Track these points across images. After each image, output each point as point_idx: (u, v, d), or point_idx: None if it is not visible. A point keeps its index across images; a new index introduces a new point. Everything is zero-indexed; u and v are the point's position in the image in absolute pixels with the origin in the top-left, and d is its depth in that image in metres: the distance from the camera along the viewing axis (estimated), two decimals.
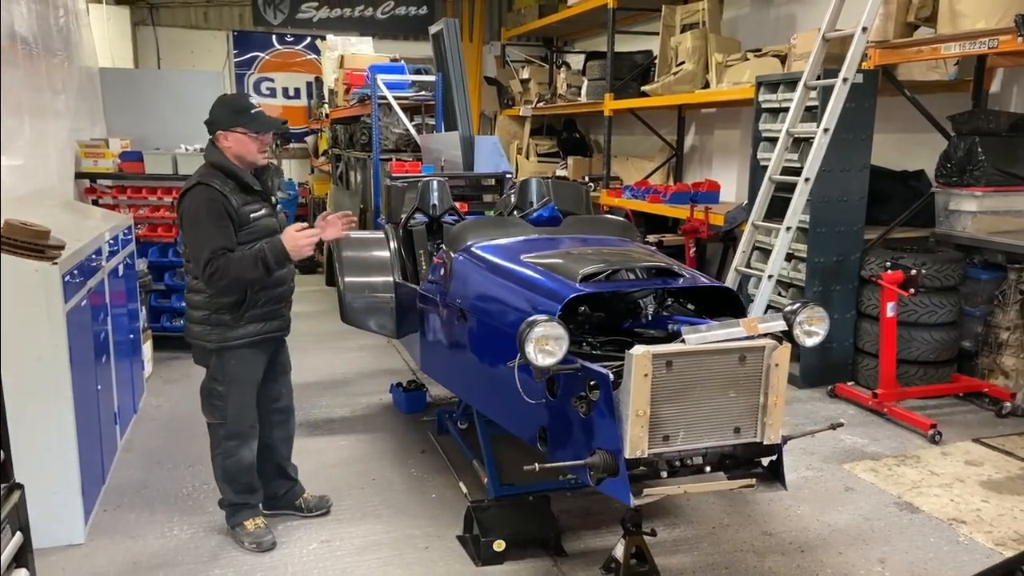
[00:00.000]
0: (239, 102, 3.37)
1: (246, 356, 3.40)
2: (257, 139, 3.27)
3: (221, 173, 3.25)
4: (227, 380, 3.39)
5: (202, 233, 3.18)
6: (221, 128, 3.27)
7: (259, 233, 3.29)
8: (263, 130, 3.28)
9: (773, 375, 2.72)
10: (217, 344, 3.35)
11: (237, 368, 3.39)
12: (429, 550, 3.49)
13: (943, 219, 5.66)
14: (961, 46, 4.70)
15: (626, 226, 4.13)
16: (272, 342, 3.51)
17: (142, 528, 3.67)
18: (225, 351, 3.36)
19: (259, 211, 3.33)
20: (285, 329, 3.55)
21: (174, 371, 5.97)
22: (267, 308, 3.39)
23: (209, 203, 3.18)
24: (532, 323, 2.66)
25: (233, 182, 3.26)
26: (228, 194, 3.21)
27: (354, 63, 8.52)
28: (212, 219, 3.17)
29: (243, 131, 3.24)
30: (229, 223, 3.21)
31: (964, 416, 5.08)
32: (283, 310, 3.48)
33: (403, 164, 6.63)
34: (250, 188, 3.31)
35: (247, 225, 3.27)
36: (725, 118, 8.45)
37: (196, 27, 11.58)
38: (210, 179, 3.22)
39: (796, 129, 5.33)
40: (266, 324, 3.41)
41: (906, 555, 3.45)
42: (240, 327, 3.34)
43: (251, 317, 3.35)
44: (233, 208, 3.21)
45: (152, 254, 6.29)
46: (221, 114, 3.28)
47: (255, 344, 3.41)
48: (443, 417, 4.70)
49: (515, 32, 11.78)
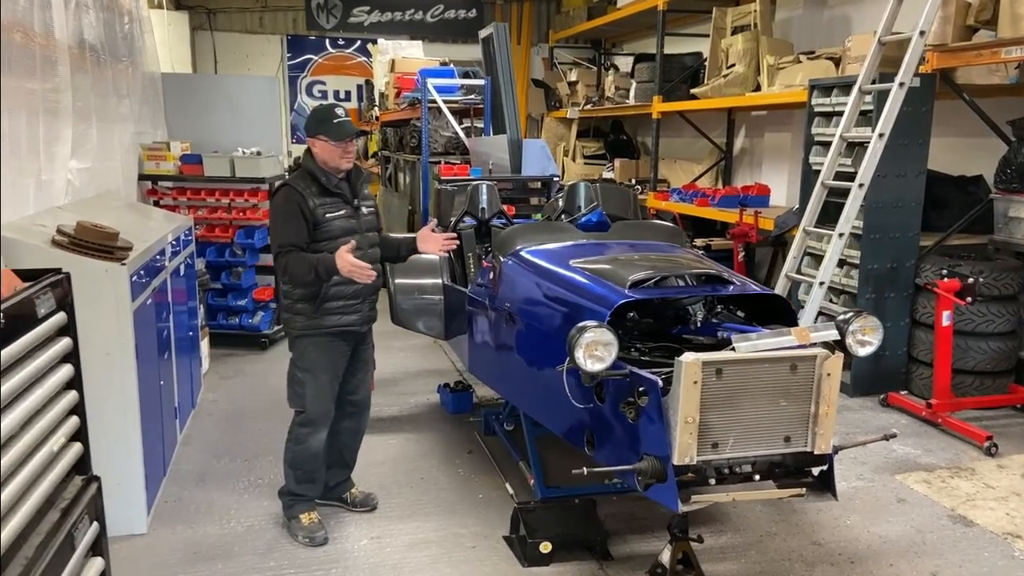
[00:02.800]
0: (324, 112, 3.55)
1: (323, 346, 3.56)
2: (339, 146, 3.46)
3: (308, 175, 3.49)
4: (306, 367, 3.59)
5: (277, 228, 3.48)
6: (310, 135, 3.52)
7: (334, 232, 3.47)
8: (340, 137, 3.45)
9: (825, 384, 2.71)
10: (298, 332, 3.57)
11: (315, 356, 3.56)
12: (476, 549, 3.54)
13: (1002, 226, 5.52)
14: (1021, 50, 4.59)
15: (674, 231, 4.14)
16: (351, 336, 3.64)
17: (201, 520, 3.80)
18: (304, 339, 3.57)
19: (336, 212, 3.50)
20: (365, 324, 3.68)
21: (230, 367, 6.15)
22: (343, 302, 3.53)
23: (286, 202, 3.44)
24: (582, 328, 2.69)
25: (316, 185, 3.46)
26: (307, 195, 3.43)
27: (404, 67, 8.65)
28: (287, 216, 3.44)
29: (324, 139, 3.44)
30: (302, 221, 3.42)
31: (1021, 428, 4.96)
32: (360, 306, 3.59)
33: (452, 167, 6.71)
34: (328, 190, 3.48)
35: (321, 225, 3.46)
36: (776, 121, 8.35)
37: (251, 32, 11.87)
38: (296, 180, 3.49)
39: (850, 134, 5.26)
40: (343, 317, 3.55)
41: (960, 569, 3.40)
42: (317, 318, 3.52)
43: (327, 309, 3.51)
44: (309, 208, 3.42)
45: (210, 254, 6.48)
46: (310, 123, 3.53)
47: (333, 335, 3.56)
48: (489, 418, 4.76)
49: (563, 34, 11.80)
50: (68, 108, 4.33)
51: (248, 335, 6.59)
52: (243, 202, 6.50)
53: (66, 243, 3.31)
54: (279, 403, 5.22)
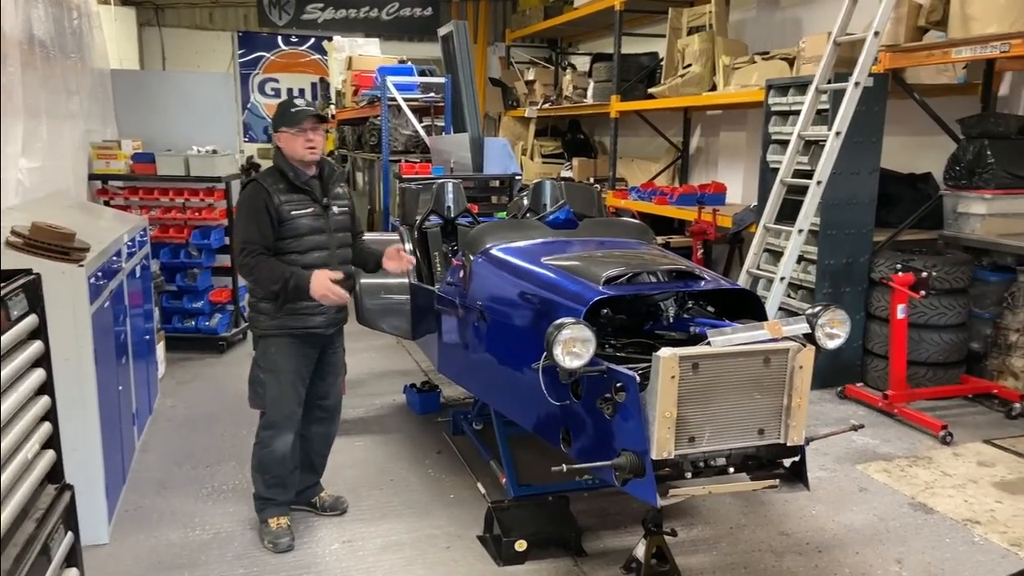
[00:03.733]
0: (283, 104, 3.49)
1: (286, 347, 3.48)
2: (299, 134, 3.37)
3: (276, 172, 3.44)
4: (267, 367, 3.52)
5: (240, 225, 3.42)
6: (275, 131, 3.45)
7: (301, 231, 3.41)
8: (296, 123, 3.37)
9: (797, 377, 2.76)
10: (261, 331, 3.50)
11: (276, 357, 3.49)
12: (451, 550, 3.52)
13: (952, 221, 5.70)
14: (972, 50, 4.74)
15: (642, 228, 4.16)
16: (317, 338, 3.56)
17: (164, 529, 3.70)
18: (266, 339, 3.50)
19: (303, 210, 3.42)
20: (332, 326, 3.60)
21: (187, 372, 6.00)
22: (305, 304, 3.44)
23: (252, 199, 3.38)
24: (560, 325, 2.69)
25: (283, 181, 3.40)
26: (273, 192, 3.36)
27: (362, 65, 8.56)
28: (251, 213, 3.37)
29: (285, 130, 3.39)
30: (267, 219, 3.35)
31: (974, 417, 5.12)
32: (324, 308, 3.50)
33: (413, 165, 6.66)
34: (296, 187, 3.42)
35: (286, 222, 3.39)
36: (731, 120, 8.49)
37: (201, 28, 11.60)
38: (264, 177, 3.44)
39: (807, 132, 5.36)
40: (308, 319, 3.47)
41: (922, 555, 3.49)
42: (281, 318, 3.44)
43: (292, 310, 3.43)
44: (274, 205, 3.35)
45: (164, 255, 6.32)
46: (274, 118, 3.48)
47: (297, 337, 3.48)
48: (458, 418, 4.73)
49: (519, 33, 11.81)
50: (19, 105, 4.17)
51: (205, 338, 6.44)
52: (198, 202, 6.36)
53: (21, 244, 3.19)
54: (239, 408, 5.14)
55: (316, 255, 3.45)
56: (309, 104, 3.54)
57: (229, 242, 6.53)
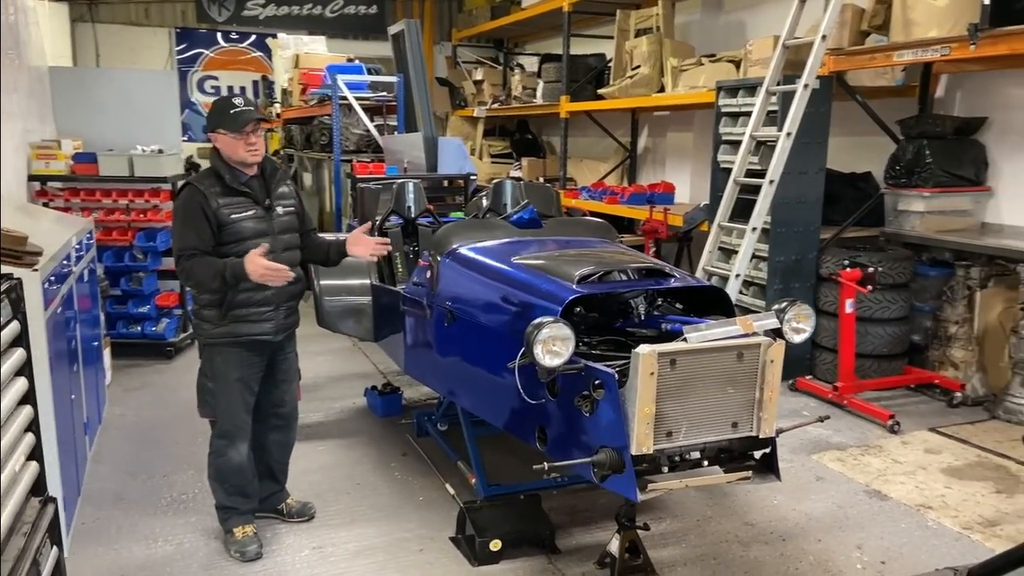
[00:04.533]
0: (221, 104, 3.36)
1: (230, 355, 3.38)
2: (240, 138, 3.26)
3: (213, 174, 3.31)
4: (213, 376, 3.42)
5: (177, 231, 3.30)
6: (210, 131, 3.32)
7: (244, 234, 3.29)
8: (238, 128, 3.25)
9: (768, 371, 2.83)
10: (206, 339, 3.40)
11: (222, 366, 3.39)
12: (424, 552, 3.50)
13: (892, 219, 5.92)
14: (914, 53, 4.94)
15: (605, 227, 4.21)
16: (264, 346, 3.46)
17: (124, 540, 3.57)
18: (211, 347, 3.40)
19: (244, 212, 3.31)
20: (281, 333, 3.49)
21: (134, 379, 5.81)
22: (252, 309, 3.34)
23: (187, 202, 3.26)
24: (539, 325, 2.71)
25: (220, 184, 3.29)
26: (210, 195, 3.24)
27: (309, 63, 8.42)
28: (187, 218, 3.26)
29: (223, 132, 3.27)
30: (205, 223, 3.23)
31: (917, 406, 5.33)
32: (272, 313, 3.41)
33: (366, 165, 6.59)
34: (235, 189, 3.30)
35: (227, 226, 3.27)
36: (678, 121, 8.65)
37: (137, 24, 11.23)
38: (200, 179, 3.31)
39: (759, 133, 5.50)
40: (254, 326, 3.37)
41: (881, 540, 3.62)
42: (224, 325, 3.33)
43: (236, 317, 3.33)
44: (212, 209, 3.24)
45: (107, 259, 6.11)
46: (209, 117, 3.36)
47: (241, 344, 3.38)
48: (422, 419, 4.70)
49: (466, 33, 11.80)
50: None
51: (152, 344, 6.25)
52: (143, 203, 6.17)
53: None
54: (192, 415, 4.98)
55: None
56: (249, 103, 3.39)
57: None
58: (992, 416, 5.10)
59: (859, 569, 3.39)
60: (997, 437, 4.78)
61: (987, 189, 5.74)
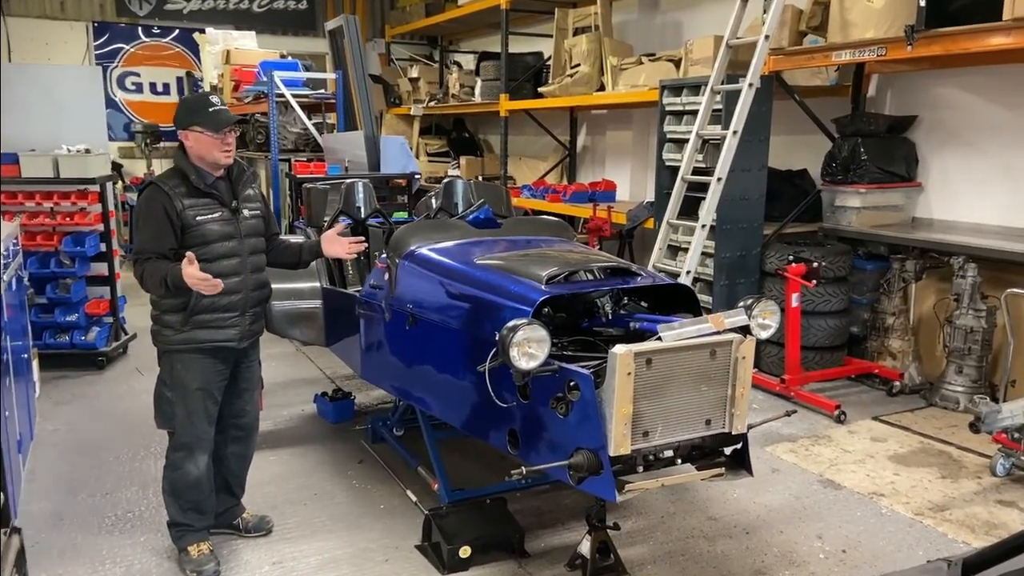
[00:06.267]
0: (197, 101, 3.26)
1: (192, 363, 3.24)
2: (217, 137, 3.15)
3: (177, 174, 3.17)
4: (173, 385, 3.26)
5: (137, 233, 3.16)
6: (181, 128, 3.16)
7: (210, 237, 3.17)
8: (219, 127, 3.14)
9: (740, 367, 2.86)
10: (166, 346, 3.24)
11: (183, 374, 3.24)
12: (390, 562, 3.41)
13: (830, 214, 6.10)
14: (852, 53, 5.09)
15: (563, 226, 4.19)
16: (228, 352, 3.32)
17: (69, 565, 3.37)
18: (171, 354, 3.24)
19: (210, 215, 3.19)
20: (245, 339, 3.37)
21: (64, 392, 5.51)
22: (215, 315, 3.22)
23: (149, 203, 3.12)
24: (514, 327, 2.66)
25: (185, 184, 3.15)
26: (174, 196, 3.11)
27: (241, 59, 8.14)
28: (147, 220, 3.12)
29: (200, 129, 3.13)
30: (167, 225, 3.11)
31: (859, 396, 5.51)
32: (238, 319, 3.29)
33: (307, 165, 6.42)
34: (201, 191, 3.17)
35: (192, 228, 3.15)
36: (617, 119, 8.72)
37: (51, 17, 10.66)
38: (164, 180, 3.16)
39: (705, 131, 5.57)
40: (218, 331, 3.24)
41: (840, 529, 3.71)
42: (186, 331, 3.20)
43: (199, 322, 3.20)
44: (176, 211, 3.11)
45: (31, 265, 5.75)
46: (181, 114, 3.19)
47: (204, 352, 3.24)
48: (377, 425, 4.59)
49: (400, 30, 11.64)
50: None
51: (82, 354, 5.94)
52: (70, 206, 5.84)
53: None
54: (130, 428, 4.80)
55: (226, 263, 3.23)
56: (223, 103, 3.29)
57: (105, 249, 6.06)
58: (929, 403, 5.30)
59: (822, 559, 3.46)
60: (936, 424, 4.97)
61: (918, 185, 5.96)
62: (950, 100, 5.76)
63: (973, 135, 5.63)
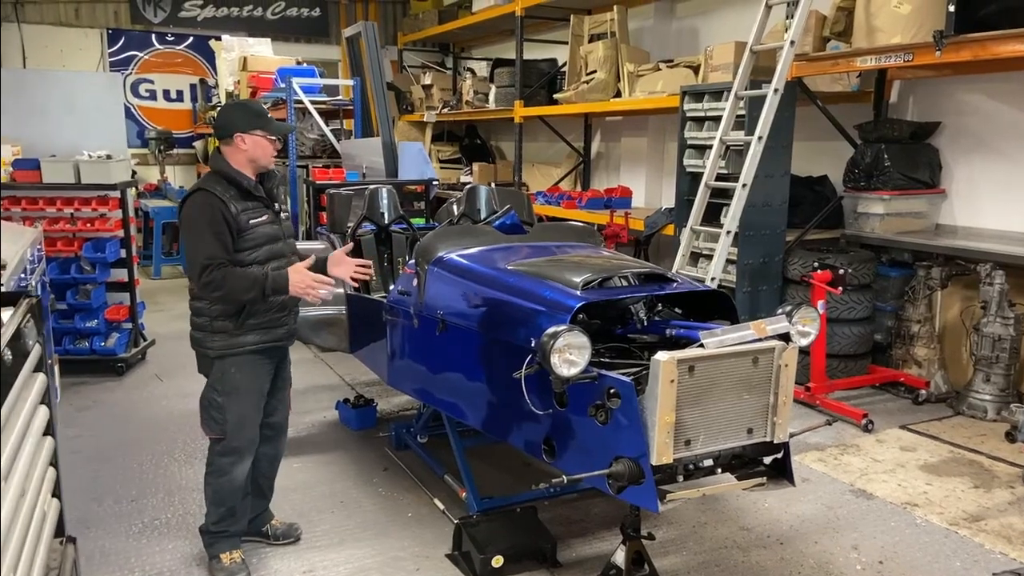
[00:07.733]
0: (254, 107, 3.30)
1: (248, 365, 3.24)
2: (272, 143, 3.22)
3: (224, 180, 3.16)
4: (227, 390, 3.23)
5: (198, 240, 3.09)
6: (240, 131, 3.15)
7: (259, 240, 3.19)
8: (280, 133, 3.25)
9: (783, 375, 2.81)
10: (218, 352, 3.21)
11: (238, 377, 3.23)
12: (420, 571, 3.37)
13: (852, 221, 6.06)
14: (877, 59, 5.05)
15: (590, 232, 4.15)
16: (276, 352, 3.35)
17: (97, 572, 3.34)
18: (226, 359, 3.22)
19: (259, 217, 3.21)
20: (290, 339, 3.41)
21: (84, 398, 5.49)
22: (269, 316, 3.24)
23: (206, 209, 3.10)
24: (555, 334, 2.61)
25: (234, 188, 3.16)
26: (227, 200, 3.12)
27: (258, 65, 8.13)
28: (208, 226, 3.10)
29: (262, 133, 3.17)
30: (226, 230, 3.12)
31: (885, 405, 5.45)
32: (286, 318, 3.33)
33: (326, 171, 6.40)
34: (251, 194, 3.19)
35: (246, 231, 3.16)
36: (632, 126, 8.69)
37: (67, 24, 10.69)
38: (211, 185, 3.15)
39: (729, 137, 5.54)
40: (269, 332, 3.26)
41: (875, 540, 3.65)
42: (242, 335, 3.20)
43: (252, 325, 3.21)
44: (231, 214, 3.12)
45: (52, 271, 5.74)
46: (239, 117, 3.20)
47: (258, 352, 3.25)
48: (401, 432, 4.55)
49: (413, 37, 11.66)
50: None
51: (102, 360, 5.92)
52: (90, 212, 5.83)
53: None
54: (152, 434, 4.78)
55: (275, 264, 3.24)
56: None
57: (125, 255, 6.05)
58: (956, 412, 5.24)
59: (859, 570, 3.41)
60: (965, 433, 4.91)
61: (942, 191, 5.92)
62: (975, 106, 5.72)
63: (998, 141, 5.59)
